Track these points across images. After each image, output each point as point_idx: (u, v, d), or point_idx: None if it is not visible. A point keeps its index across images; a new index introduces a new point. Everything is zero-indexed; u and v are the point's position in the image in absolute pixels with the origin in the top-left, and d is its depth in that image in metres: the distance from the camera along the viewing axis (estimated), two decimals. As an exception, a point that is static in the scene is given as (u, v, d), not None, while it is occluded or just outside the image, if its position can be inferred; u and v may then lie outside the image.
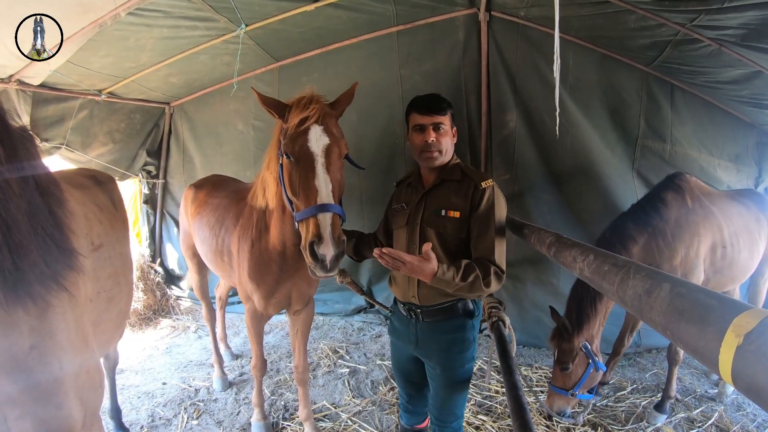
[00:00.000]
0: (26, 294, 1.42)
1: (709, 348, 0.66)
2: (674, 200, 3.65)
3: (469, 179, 2.27)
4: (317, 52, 5.47)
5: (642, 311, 0.89)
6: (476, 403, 3.92)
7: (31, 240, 1.43)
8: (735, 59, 3.75)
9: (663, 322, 0.80)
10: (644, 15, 3.75)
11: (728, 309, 0.68)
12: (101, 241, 2.21)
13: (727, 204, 3.83)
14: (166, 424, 3.80)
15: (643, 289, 0.90)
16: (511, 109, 4.98)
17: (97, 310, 2.03)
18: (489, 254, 2.13)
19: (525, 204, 4.99)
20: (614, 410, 3.86)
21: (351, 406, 3.99)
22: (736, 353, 0.61)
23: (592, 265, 1.23)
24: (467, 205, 2.22)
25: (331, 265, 2.11)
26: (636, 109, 4.83)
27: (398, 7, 4.62)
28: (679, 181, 3.80)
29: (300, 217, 2.18)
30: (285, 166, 2.32)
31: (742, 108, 4.67)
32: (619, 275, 1.04)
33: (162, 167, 6.54)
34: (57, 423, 1.54)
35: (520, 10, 4.60)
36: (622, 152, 4.89)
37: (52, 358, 1.51)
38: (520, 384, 1.97)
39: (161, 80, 5.38)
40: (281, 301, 3.20)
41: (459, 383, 2.34)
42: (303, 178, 2.21)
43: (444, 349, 2.29)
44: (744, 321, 0.63)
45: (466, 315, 2.30)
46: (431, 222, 2.27)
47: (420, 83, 5.19)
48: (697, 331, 0.70)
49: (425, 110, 2.30)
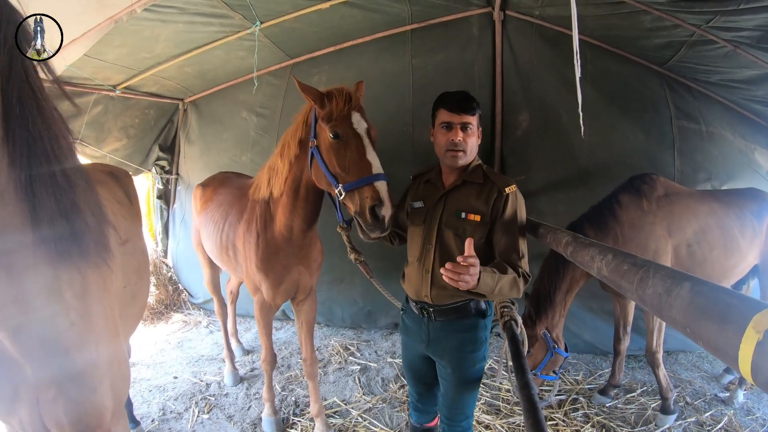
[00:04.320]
0: (78, 254, 1.43)
1: (730, 345, 0.68)
2: (630, 202, 3.69)
3: (491, 183, 2.24)
4: (331, 49, 5.49)
5: (662, 310, 0.89)
6: (486, 402, 3.92)
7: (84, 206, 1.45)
8: (750, 61, 3.74)
9: (683, 320, 0.81)
10: (660, 16, 3.75)
11: (748, 307, 0.69)
12: (127, 237, 2.27)
13: (694, 202, 3.81)
14: (177, 417, 3.84)
15: (663, 288, 0.90)
16: (524, 110, 4.98)
17: (123, 304, 2.06)
18: (516, 260, 2.13)
19: (540, 204, 4.97)
20: (624, 412, 3.85)
21: (361, 403, 4.00)
22: (756, 349, 0.62)
23: (611, 264, 1.23)
24: (488, 209, 2.20)
25: (388, 224, 2.31)
26: (661, 95, 4.83)
27: (413, 7, 4.64)
28: (640, 182, 3.81)
29: (351, 186, 2.35)
30: (331, 145, 2.46)
31: (758, 108, 4.64)
32: (638, 274, 1.04)
33: (175, 162, 6.59)
34: (90, 407, 1.54)
35: (534, 9, 4.60)
36: (657, 134, 4.86)
37: (89, 338, 1.52)
38: (532, 383, 1.97)
39: (176, 69, 5.36)
40: (289, 288, 3.29)
41: (470, 383, 2.33)
42: (355, 153, 2.40)
43: (456, 349, 2.28)
44: (765, 318, 0.64)
45: (479, 314, 2.29)
46: (450, 223, 2.25)
47: (432, 73, 5.20)
48: (718, 329, 0.71)
49: (456, 108, 2.23)
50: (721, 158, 4.80)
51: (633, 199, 3.71)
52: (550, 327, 3.55)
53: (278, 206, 3.01)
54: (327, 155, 2.49)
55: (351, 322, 5.75)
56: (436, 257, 2.27)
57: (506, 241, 2.16)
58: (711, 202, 3.85)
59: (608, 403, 3.96)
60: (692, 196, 3.88)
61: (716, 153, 4.80)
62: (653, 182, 3.82)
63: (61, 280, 1.43)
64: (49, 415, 1.49)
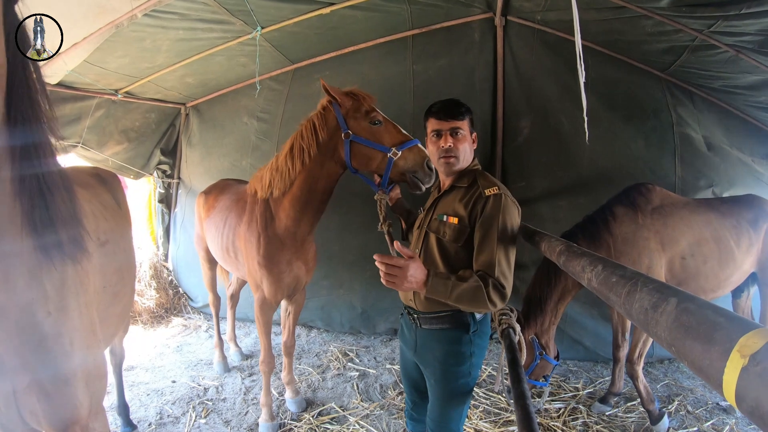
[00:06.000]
0: (55, 248, 1.49)
1: (714, 368, 0.64)
2: (624, 215, 3.67)
3: (476, 186, 2.19)
4: (332, 54, 5.48)
5: (648, 326, 0.86)
6: (484, 410, 3.89)
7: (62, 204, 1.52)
8: (752, 66, 3.71)
9: (668, 338, 0.78)
10: (661, 20, 3.73)
11: (735, 327, 0.65)
12: (107, 238, 2.31)
13: (689, 213, 3.76)
14: (174, 422, 3.82)
15: (650, 303, 0.87)
16: (525, 116, 4.96)
17: (103, 304, 2.10)
18: (487, 267, 2.03)
19: (541, 210, 4.94)
20: (624, 421, 3.81)
21: (359, 409, 3.98)
22: (740, 374, 0.59)
23: (600, 276, 1.20)
24: (467, 212, 2.15)
25: (435, 173, 2.84)
26: (663, 102, 4.80)
27: (413, 6, 4.61)
28: (635, 194, 3.79)
29: (404, 146, 2.90)
30: (374, 130, 3.00)
31: (760, 115, 4.60)
32: (626, 287, 1.01)
33: (177, 166, 6.58)
34: (63, 399, 1.59)
35: (536, 14, 4.58)
36: (659, 141, 4.83)
37: (64, 331, 1.57)
38: (528, 393, 1.94)
39: (177, 80, 5.42)
40: (290, 284, 3.54)
41: (454, 397, 2.26)
42: (393, 130, 2.99)
43: (439, 360, 2.23)
44: (751, 341, 0.60)
45: (463, 328, 2.21)
46: (433, 227, 2.24)
47: (433, 79, 5.19)
48: (702, 350, 0.68)
49: (442, 115, 2.24)
50: (723, 165, 4.76)
51: (627, 211, 3.68)
52: (539, 333, 3.53)
53: (280, 205, 3.32)
54: (373, 137, 2.99)
55: (350, 327, 5.72)
56: None
57: (481, 247, 2.08)
58: (707, 212, 3.81)
59: (608, 411, 3.92)
60: (687, 207, 3.83)
61: (717, 160, 4.77)
62: (648, 193, 3.79)
63: (42, 270, 1.49)
64: (24, 404, 1.54)
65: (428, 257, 2.25)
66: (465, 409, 2.36)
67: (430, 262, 2.21)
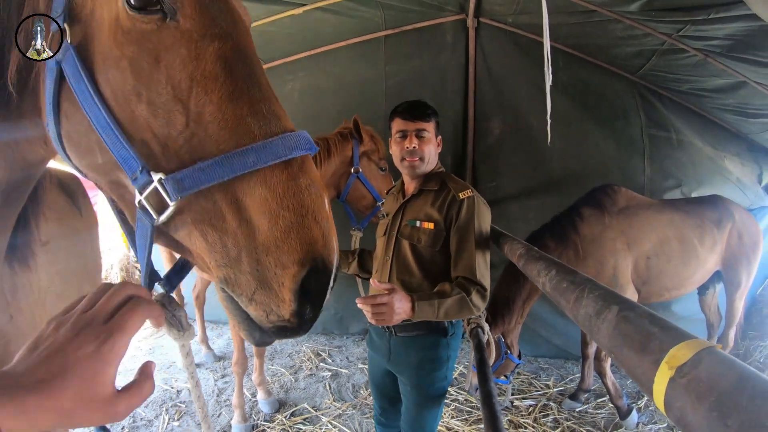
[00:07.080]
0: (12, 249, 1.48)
1: (646, 377, 0.66)
2: (591, 215, 3.73)
3: (447, 189, 2.20)
4: (305, 54, 5.43)
5: (592, 332, 0.88)
6: (456, 408, 3.92)
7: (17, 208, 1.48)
8: (720, 70, 3.78)
9: (608, 345, 0.79)
10: (631, 24, 3.78)
11: (667, 338, 0.67)
12: (48, 238, 2.29)
13: (654, 213, 3.84)
14: (147, 425, 3.78)
15: (594, 310, 0.89)
16: (496, 117, 4.99)
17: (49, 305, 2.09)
18: (468, 272, 2.06)
19: (510, 211, 4.96)
20: (594, 417, 3.87)
21: (332, 409, 3.98)
22: (668, 385, 0.61)
23: (553, 281, 1.21)
24: (442, 216, 2.15)
25: None
26: (632, 103, 4.85)
27: (387, 12, 4.61)
28: (601, 195, 3.85)
29: None
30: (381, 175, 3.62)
31: (728, 117, 4.69)
32: (575, 293, 1.03)
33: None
34: None
35: (508, 17, 4.61)
36: (628, 142, 4.89)
37: (27, 335, 1.54)
38: (494, 392, 1.97)
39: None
40: None
41: (430, 401, 2.28)
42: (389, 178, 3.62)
43: (416, 366, 2.23)
44: (680, 353, 0.62)
45: (439, 333, 2.23)
46: (406, 233, 2.23)
47: (405, 80, 5.17)
48: (637, 359, 0.70)
49: (408, 115, 2.22)
50: (691, 165, 4.83)
51: (594, 212, 3.74)
52: (505, 332, 3.56)
53: None
54: (375, 181, 3.40)
55: (323, 328, 5.68)
56: (393, 269, 2.25)
57: (459, 252, 2.10)
58: (671, 212, 3.89)
59: (578, 407, 3.98)
60: (652, 207, 3.91)
61: (686, 160, 4.84)
62: (614, 194, 3.85)
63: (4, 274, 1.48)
64: None
65: (401, 264, 2.24)
66: (440, 411, 2.39)
67: (403, 269, 2.21)
